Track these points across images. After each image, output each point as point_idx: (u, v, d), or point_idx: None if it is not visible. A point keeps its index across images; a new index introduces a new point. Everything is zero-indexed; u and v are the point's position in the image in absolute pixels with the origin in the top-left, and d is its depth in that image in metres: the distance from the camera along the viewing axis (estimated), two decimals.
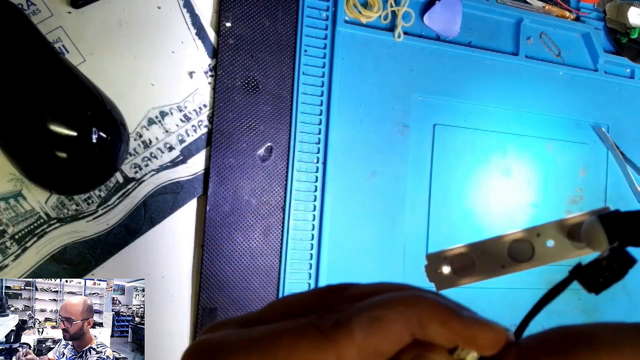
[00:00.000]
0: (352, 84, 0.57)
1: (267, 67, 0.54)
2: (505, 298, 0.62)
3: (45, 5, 0.47)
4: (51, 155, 0.41)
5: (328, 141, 0.55)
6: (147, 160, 0.50)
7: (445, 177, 0.61)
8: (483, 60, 0.63)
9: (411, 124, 0.59)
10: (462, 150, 0.62)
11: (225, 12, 0.53)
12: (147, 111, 0.51)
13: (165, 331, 0.51)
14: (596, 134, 0.69)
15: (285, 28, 0.55)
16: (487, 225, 0.62)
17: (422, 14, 0.60)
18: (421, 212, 0.59)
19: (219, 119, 0.52)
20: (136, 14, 0.50)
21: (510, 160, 0.64)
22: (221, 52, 0.52)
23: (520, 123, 0.65)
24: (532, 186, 0.65)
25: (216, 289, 0.51)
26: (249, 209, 0.53)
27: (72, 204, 0.48)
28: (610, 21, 0.69)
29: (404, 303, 0.17)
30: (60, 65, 0.43)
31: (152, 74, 0.51)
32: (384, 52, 0.59)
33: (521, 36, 0.65)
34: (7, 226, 0.46)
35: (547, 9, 0.66)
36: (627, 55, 0.69)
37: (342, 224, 0.56)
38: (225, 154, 0.52)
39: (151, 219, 0.50)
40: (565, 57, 0.67)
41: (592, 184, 0.68)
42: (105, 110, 0.44)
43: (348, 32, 0.57)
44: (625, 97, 0.70)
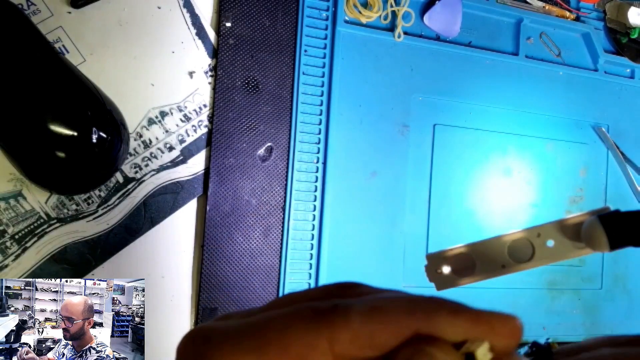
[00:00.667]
0: (352, 84, 0.57)
1: (267, 67, 0.54)
2: (505, 298, 0.62)
3: (45, 5, 0.47)
4: (51, 155, 0.41)
5: (328, 141, 0.55)
6: (147, 160, 0.50)
7: (445, 177, 0.61)
8: (483, 60, 0.63)
9: (411, 124, 0.59)
10: (462, 150, 0.62)
11: (225, 12, 0.53)
12: (147, 111, 0.51)
13: (165, 331, 0.51)
14: (596, 134, 0.69)
15: (285, 28, 0.55)
16: (487, 225, 0.62)
17: (422, 14, 0.60)
18: (421, 212, 0.59)
19: (219, 119, 0.52)
20: (136, 14, 0.50)
21: (511, 160, 0.64)
22: (221, 52, 0.52)
23: (520, 123, 0.65)
24: (532, 186, 0.65)
25: (216, 289, 0.51)
26: (249, 209, 0.53)
27: (72, 204, 0.48)
28: (610, 21, 0.69)
29: (410, 297, 0.16)
30: (60, 65, 0.43)
31: (152, 74, 0.51)
32: (384, 52, 0.59)
33: (521, 36, 0.65)
34: (7, 226, 0.46)
35: (547, 9, 0.66)
36: (627, 55, 0.69)
37: (342, 224, 0.56)
38: (225, 154, 0.52)
39: (151, 219, 0.50)
40: (565, 57, 0.67)
41: (592, 184, 0.68)
42: (105, 110, 0.44)
43: (348, 32, 0.57)
44: (625, 97, 0.70)
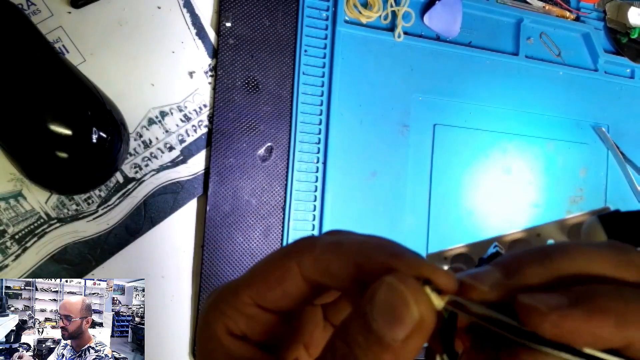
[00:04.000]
0: (352, 84, 0.57)
1: (267, 67, 0.54)
2: None
3: (45, 5, 0.47)
4: (51, 155, 0.41)
5: (328, 141, 0.55)
6: (147, 160, 0.50)
7: (445, 177, 0.61)
8: (483, 60, 0.63)
9: (411, 124, 0.59)
10: (462, 150, 0.62)
11: (225, 12, 0.53)
12: (147, 111, 0.51)
13: (165, 331, 0.51)
14: (596, 134, 0.69)
15: (285, 28, 0.55)
16: (487, 226, 0.62)
17: (422, 14, 0.60)
18: (421, 212, 0.59)
19: (219, 119, 0.52)
20: (136, 14, 0.50)
21: (511, 160, 0.64)
22: (221, 52, 0.52)
23: (520, 123, 0.65)
24: (533, 186, 0.65)
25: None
26: (249, 209, 0.53)
27: (72, 204, 0.48)
28: (610, 21, 0.69)
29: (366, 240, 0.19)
30: (60, 65, 0.43)
31: (152, 74, 0.51)
32: (384, 52, 0.59)
33: (521, 36, 0.65)
34: (7, 226, 0.46)
35: (547, 9, 0.66)
36: (627, 55, 0.69)
37: (342, 224, 0.56)
38: (225, 154, 0.52)
39: (151, 219, 0.50)
40: (565, 57, 0.67)
41: (592, 184, 0.68)
42: (105, 110, 0.44)
43: (348, 32, 0.57)
44: (625, 97, 0.70)
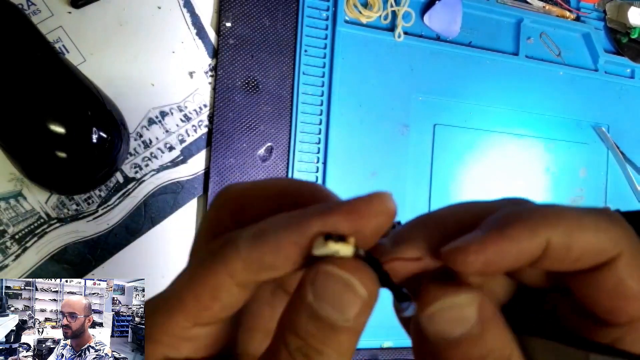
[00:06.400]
0: (352, 84, 0.57)
1: (267, 67, 0.54)
2: None
3: (45, 5, 0.47)
4: (51, 155, 0.41)
5: (328, 141, 0.55)
6: (147, 160, 0.50)
7: (445, 177, 0.61)
8: (483, 60, 0.63)
9: (411, 124, 0.59)
10: (462, 150, 0.62)
11: (225, 12, 0.53)
12: (147, 111, 0.51)
13: None
14: (596, 134, 0.69)
15: (285, 28, 0.55)
16: None
17: (422, 14, 0.60)
18: (421, 211, 0.59)
19: (219, 119, 0.52)
20: (136, 14, 0.50)
21: (511, 160, 0.64)
22: (221, 52, 0.52)
23: (520, 123, 0.65)
24: (532, 186, 0.65)
25: None
26: None
27: (73, 204, 0.48)
28: (610, 21, 0.69)
29: (289, 213, 0.17)
30: (60, 65, 0.43)
31: (152, 74, 0.51)
32: (384, 52, 0.59)
33: (521, 36, 0.64)
34: (7, 226, 0.46)
35: (547, 9, 0.66)
36: (627, 55, 0.69)
37: None
38: (225, 154, 0.52)
39: (151, 219, 0.50)
40: (566, 57, 0.67)
41: (592, 184, 0.68)
42: (105, 110, 0.44)
43: (348, 32, 0.57)
44: (625, 97, 0.70)
